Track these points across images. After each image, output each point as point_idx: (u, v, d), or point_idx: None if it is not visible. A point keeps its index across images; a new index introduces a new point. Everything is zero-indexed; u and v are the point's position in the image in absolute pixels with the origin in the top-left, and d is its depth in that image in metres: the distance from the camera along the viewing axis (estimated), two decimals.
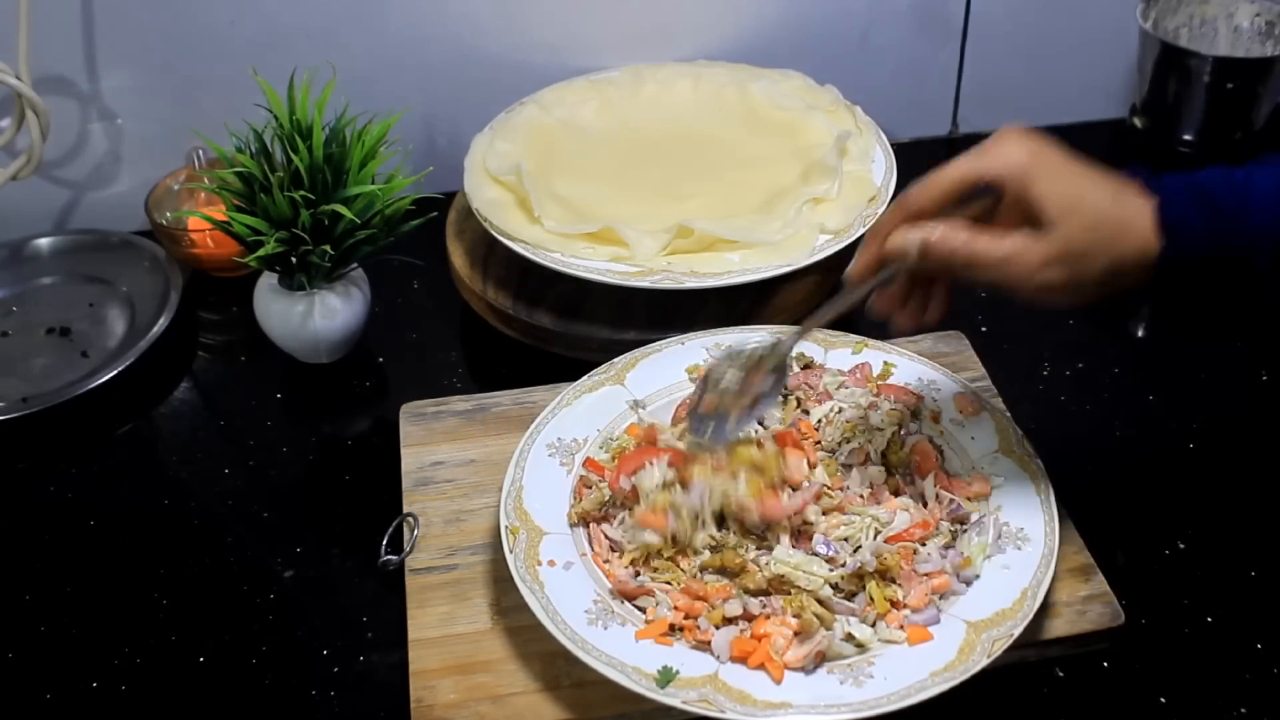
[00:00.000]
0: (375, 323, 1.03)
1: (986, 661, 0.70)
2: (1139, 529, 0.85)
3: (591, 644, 0.72)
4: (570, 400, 0.88)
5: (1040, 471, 0.81)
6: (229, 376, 1.07)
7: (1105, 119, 1.29)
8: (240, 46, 1.11)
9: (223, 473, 0.95)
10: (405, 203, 0.97)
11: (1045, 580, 0.74)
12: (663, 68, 1.19)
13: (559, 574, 0.77)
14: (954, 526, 0.79)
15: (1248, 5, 1.21)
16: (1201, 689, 0.76)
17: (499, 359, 1.02)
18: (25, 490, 0.95)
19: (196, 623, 0.83)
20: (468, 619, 0.79)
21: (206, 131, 1.00)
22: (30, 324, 1.09)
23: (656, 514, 0.78)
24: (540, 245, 0.99)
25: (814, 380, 0.88)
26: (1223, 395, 0.97)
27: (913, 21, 1.21)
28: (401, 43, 1.15)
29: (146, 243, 1.13)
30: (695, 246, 0.98)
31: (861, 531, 0.77)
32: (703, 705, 0.68)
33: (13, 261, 1.14)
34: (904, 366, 0.90)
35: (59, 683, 0.80)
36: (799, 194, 1.02)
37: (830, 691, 0.69)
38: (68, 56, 1.10)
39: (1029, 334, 1.02)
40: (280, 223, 0.92)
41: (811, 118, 1.11)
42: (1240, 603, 0.80)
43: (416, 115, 1.17)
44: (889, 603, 0.74)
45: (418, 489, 0.88)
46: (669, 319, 0.98)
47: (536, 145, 1.10)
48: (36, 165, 1.09)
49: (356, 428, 1.00)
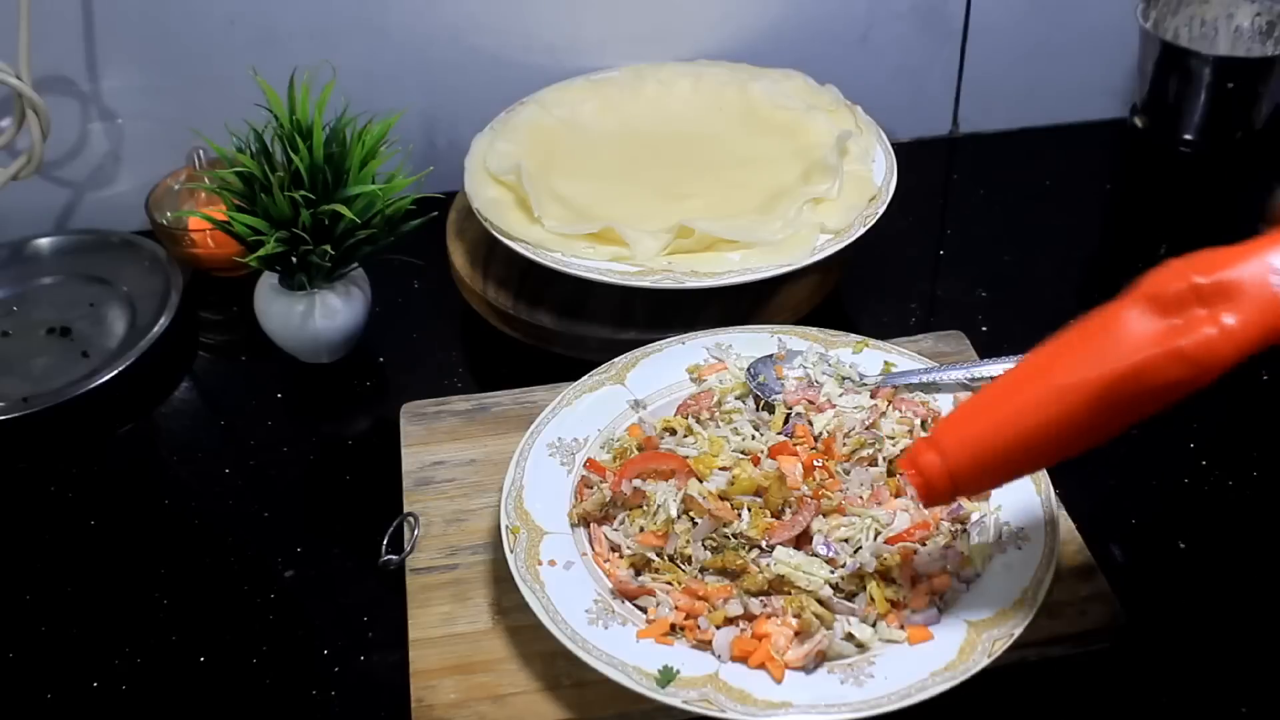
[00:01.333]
0: (375, 323, 1.03)
1: (987, 661, 0.70)
2: (1139, 529, 0.85)
3: (592, 644, 0.72)
4: (571, 400, 0.88)
5: (1040, 472, 0.81)
6: (229, 376, 1.07)
7: (1105, 119, 1.28)
8: (240, 46, 1.11)
9: (223, 473, 0.95)
10: (405, 203, 0.97)
11: (1045, 580, 0.74)
12: (663, 68, 1.19)
13: (559, 574, 0.77)
14: (954, 526, 0.79)
15: (1248, 5, 1.21)
16: (1201, 689, 0.76)
17: (499, 359, 1.02)
18: (25, 490, 0.95)
19: (196, 623, 0.83)
20: (468, 619, 0.79)
21: (207, 131, 1.00)
22: (31, 324, 1.09)
23: (658, 536, 0.78)
24: (541, 245, 0.99)
25: (813, 394, 0.88)
26: (1223, 395, 0.97)
27: (913, 21, 1.21)
28: (401, 43, 1.15)
29: (147, 243, 1.13)
30: (696, 246, 0.98)
31: (862, 532, 0.77)
32: (703, 705, 0.68)
33: (13, 261, 1.14)
34: (904, 366, 0.90)
35: (59, 683, 0.80)
36: (799, 194, 1.02)
37: (831, 691, 0.69)
38: (68, 56, 1.10)
39: (1029, 334, 1.01)
40: (280, 223, 0.92)
41: (812, 118, 1.11)
42: (1240, 603, 0.80)
43: (416, 115, 1.17)
44: (889, 603, 0.74)
45: (418, 489, 0.88)
46: (669, 319, 0.98)
47: (537, 145, 1.10)
48: (37, 165, 1.09)
49: (357, 428, 1.00)
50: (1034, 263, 1.11)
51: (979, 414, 0.67)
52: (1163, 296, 0.60)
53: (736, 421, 0.86)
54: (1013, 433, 0.64)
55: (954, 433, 0.67)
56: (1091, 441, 0.63)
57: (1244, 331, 0.58)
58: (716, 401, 0.88)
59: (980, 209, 1.20)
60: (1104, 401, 0.61)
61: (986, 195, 1.22)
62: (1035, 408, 0.63)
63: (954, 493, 0.68)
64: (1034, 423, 0.63)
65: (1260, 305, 0.58)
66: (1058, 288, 1.09)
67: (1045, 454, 0.66)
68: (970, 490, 0.70)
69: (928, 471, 0.67)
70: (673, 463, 0.82)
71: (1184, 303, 0.59)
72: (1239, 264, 0.59)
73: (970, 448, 0.66)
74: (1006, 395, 0.65)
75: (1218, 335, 0.58)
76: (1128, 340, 0.60)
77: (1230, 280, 0.58)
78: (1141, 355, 0.60)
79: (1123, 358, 0.60)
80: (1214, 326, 0.58)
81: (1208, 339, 0.58)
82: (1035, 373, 0.64)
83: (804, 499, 0.79)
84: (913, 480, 0.68)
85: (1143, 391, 0.60)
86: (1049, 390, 0.63)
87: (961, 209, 1.22)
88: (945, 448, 0.66)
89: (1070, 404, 0.62)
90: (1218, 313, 0.58)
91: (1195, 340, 0.59)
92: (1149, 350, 0.60)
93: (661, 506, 0.79)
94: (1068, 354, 0.63)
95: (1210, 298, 0.59)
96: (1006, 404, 0.65)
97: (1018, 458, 0.66)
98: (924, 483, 0.67)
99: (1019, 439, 0.64)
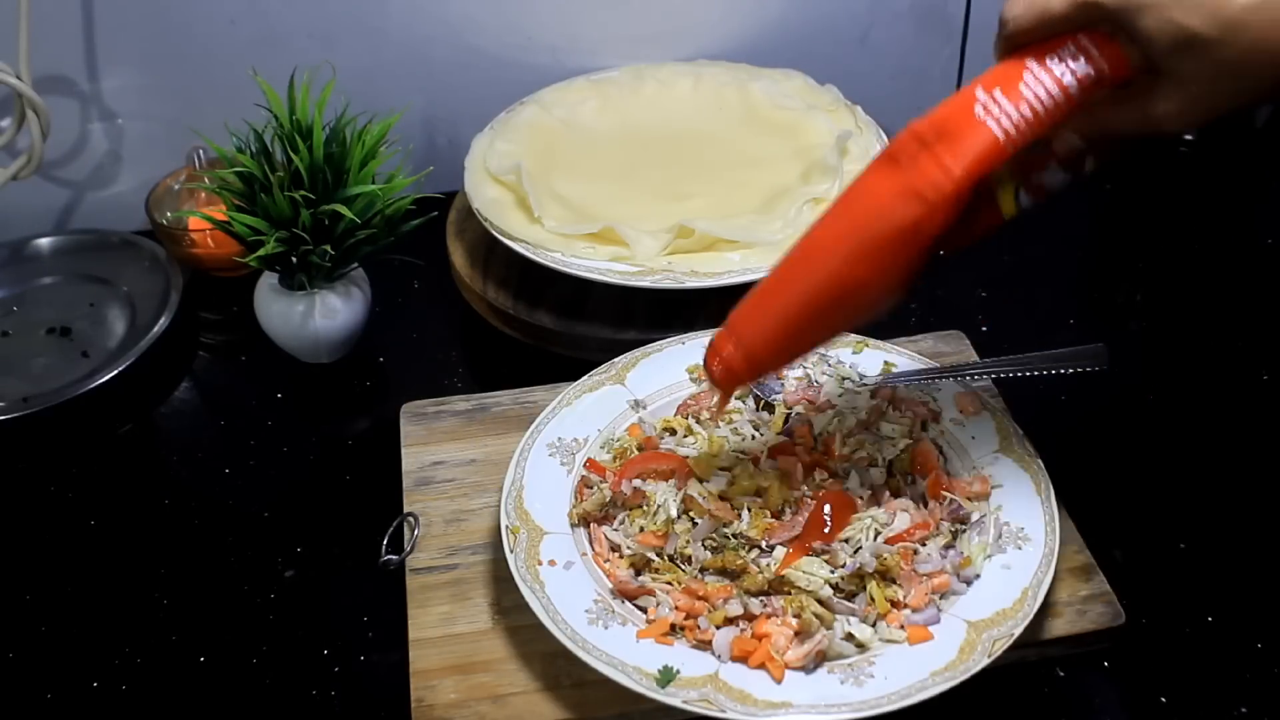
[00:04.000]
0: (375, 323, 1.03)
1: (987, 661, 0.70)
2: (1139, 529, 0.85)
3: (592, 644, 0.72)
4: (571, 400, 0.88)
5: (1040, 471, 0.81)
6: (229, 376, 1.07)
7: None
8: (240, 46, 1.11)
9: (223, 473, 0.95)
10: (405, 202, 0.97)
11: (1045, 580, 0.74)
12: (663, 67, 1.19)
13: (559, 574, 0.77)
14: (954, 526, 0.79)
15: None
16: (1201, 689, 0.76)
17: (499, 359, 1.02)
18: (25, 490, 0.95)
19: (196, 623, 0.83)
20: (468, 619, 0.79)
21: (207, 131, 1.00)
22: (30, 324, 1.09)
23: (658, 537, 0.78)
24: (541, 245, 0.99)
25: (813, 394, 0.87)
26: (1223, 395, 0.97)
27: (913, 21, 1.21)
28: (401, 43, 1.15)
29: (147, 243, 1.13)
30: (696, 246, 0.98)
31: (862, 532, 0.77)
32: (703, 705, 0.68)
33: (13, 261, 1.14)
34: (904, 366, 0.90)
35: (59, 683, 0.80)
36: (799, 194, 1.02)
37: (831, 691, 0.69)
38: (68, 56, 1.10)
39: (1029, 334, 1.02)
40: (280, 222, 0.92)
41: (812, 117, 1.11)
42: (1240, 603, 0.80)
43: (416, 115, 1.17)
44: (889, 603, 0.74)
45: (418, 489, 0.88)
46: (669, 319, 0.98)
47: (537, 145, 1.10)
48: (37, 165, 1.09)
49: (357, 428, 1.00)
50: (1034, 263, 1.11)
51: (764, 296, 0.72)
52: (896, 153, 0.66)
53: (736, 421, 0.86)
54: (794, 302, 0.70)
55: (745, 317, 0.72)
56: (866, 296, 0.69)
57: (959, 163, 0.63)
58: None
59: None
60: (859, 252, 0.67)
61: None
62: (807, 274, 0.69)
63: (754, 372, 0.73)
64: (808, 287, 0.69)
65: (970, 137, 0.63)
66: (1057, 288, 1.09)
67: (827, 317, 0.71)
68: (770, 367, 0.76)
69: (728, 359, 0.72)
70: (673, 463, 0.82)
71: (910, 152, 0.65)
72: (951, 105, 0.65)
73: (760, 325, 0.72)
74: (785, 272, 0.71)
75: (936, 169, 0.64)
76: (869, 193, 0.67)
77: (941, 119, 0.64)
78: (879, 201, 0.66)
79: (866, 208, 0.67)
80: (934, 164, 0.64)
81: (930, 175, 0.64)
82: (805, 245, 0.70)
83: (804, 499, 0.79)
84: (714, 370, 0.73)
85: (886, 235, 0.66)
86: (815, 256, 0.69)
87: None
88: (740, 332, 0.72)
89: (835, 262, 0.67)
90: (937, 152, 0.64)
91: (920, 178, 0.64)
92: (885, 195, 0.66)
93: (662, 507, 0.79)
94: (828, 220, 0.69)
95: (930, 141, 0.64)
96: (785, 280, 0.70)
97: (804, 325, 0.71)
98: (724, 368, 0.72)
99: (801, 307, 0.70)
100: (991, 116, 0.63)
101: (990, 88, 0.64)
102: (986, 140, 0.63)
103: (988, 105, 0.63)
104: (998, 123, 0.63)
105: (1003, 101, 0.63)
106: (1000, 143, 0.63)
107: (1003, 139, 0.63)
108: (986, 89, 0.64)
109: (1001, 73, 0.64)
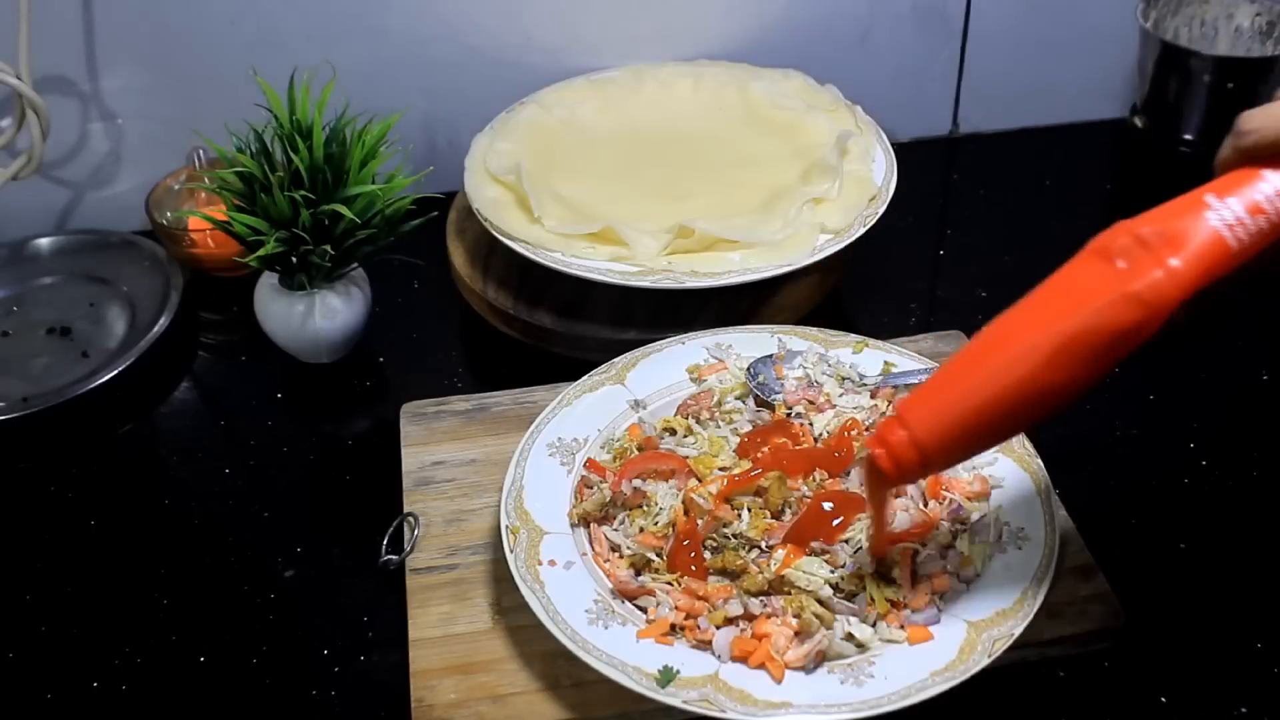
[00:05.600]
0: (375, 323, 1.03)
1: (987, 661, 0.70)
2: (1139, 529, 0.85)
3: (592, 644, 0.72)
4: (571, 400, 0.88)
5: (1040, 471, 0.81)
6: (229, 376, 1.07)
7: (1105, 119, 1.29)
8: (240, 46, 1.11)
9: (223, 473, 0.95)
10: (405, 202, 0.97)
11: (1046, 580, 0.74)
12: (663, 68, 1.19)
13: (559, 574, 0.77)
14: (954, 526, 0.79)
15: (1248, 5, 1.21)
16: (1201, 689, 0.76)
17: (499, 359, 1.02)
18: (25, 490, 0.95)
19: (196, 623, 0.83)
20: (468, 619, 0.79)
21: (206, 131, 1.00)
22: (30, 324, 1.09)
23: (658, 537, 0.78)
24: (541, 245, 0.99)
25: (813, 394, 0.88)
26: (1223, 395, 0.97)
27: (913, 21, 1.21)
28: (401, 43, 1.15)
29: (147, 243, 1.13)
30: (696, 246, 0.98)
31: (862, 532, 0.77)
32: (703, 705, 0.68)
33: (13, 261, 1.14)
34: (904, 366, 0.90)
35: (59, 683, 0.80)
36: (799, 194, 1.02)
37: (831, 691, 0.69)
38: (68, 56, 1.10)
39: None
40: (280, 223, 0.92)
41: (812, 117, 1.11)
42: (1240, 603, 0.80)
43: (416, 115, 1.17)
44: (889, 603, 0.74)
45: (418, 489, 0.88)
46: (669, 319, 0.98)
47: (537, 145, 1.10)
48: (37, 165, 1.09)
49: (357, 428, 1.00)
50: (1034, 263, 1.09)
51: (943, 386, 0.67)
52: (1110, 249, 0.63)
53: (736, 421, 0.86)
54: (978, 400, 0.65)
55: (920, 407, 0.67)
56: (1056, 401, 0.65)
57: (1188, 268, 0.61)
58: (716, 401, 0.88)
59: (980, 209, 1.20)
60: (1063, 356, 0.63)
61: (986, 195, 1.22)
62: (998, 372, 0.64)
63: (923, 467, 0.68)
64: (998, 387, 0.64)
65: (1200, 241, 0.61)
66: None
67: (1012, 419, 0.67)
68: (940, 464, 0.70)
69: (896, 448, 0.67)
70: (673, 463, 0.82)
71: (1133, 254, 0.62)
72: (1177, 208, 0.62)
73: (937, 420, 0.66)
74: (969, 365, 0.66)
75: (1164, 276, 0.61)
76: (1080, 292, 0.63)
77: (1170, 225, 0.62)
78: (1094, 304, 0.62)
79: (1077, 309, 0.62)
80: (1160, 268, 0.61)
81: (1155, 280, 0.61)
82: (995, 338, 0.66)
83: (804, 499, 0.79)
84: (879, 459, 0.68)
85: (1099, 340, 0.62)
86: (1010, 352, 0.64)
87: (961, 209, 1.22)
88: (911, 422, 0.67)
89: (1032, 363, 0.63)
90: (1162, 255, 0.61)
91: (1144, 283, 0.61)
92: (1101, 298, 0.62)
93: (663, 510, 0.79)
94: (1025, 315, 0.65)
95: (1154, 244, 0.61)
96: (970, 373, 0.66)
97: (985, 426, 0.66)
98: (892, 459, 0.67)
99: (985, 406, 0.65)
100: (1225, 223, 0.61)
101: (1223, 194, 0.61)
102: (1219, 247, 0.61)
103: (1221, 212, 0.61)
104: (1231, 230, 0.61)
105: (1237, 209, 0.61)
106: (1233, 250, 0.61)
107: (1235, 247, 0.61)
108: (1219, 195, 0.61)
109: (1237, 180, 0.62)
